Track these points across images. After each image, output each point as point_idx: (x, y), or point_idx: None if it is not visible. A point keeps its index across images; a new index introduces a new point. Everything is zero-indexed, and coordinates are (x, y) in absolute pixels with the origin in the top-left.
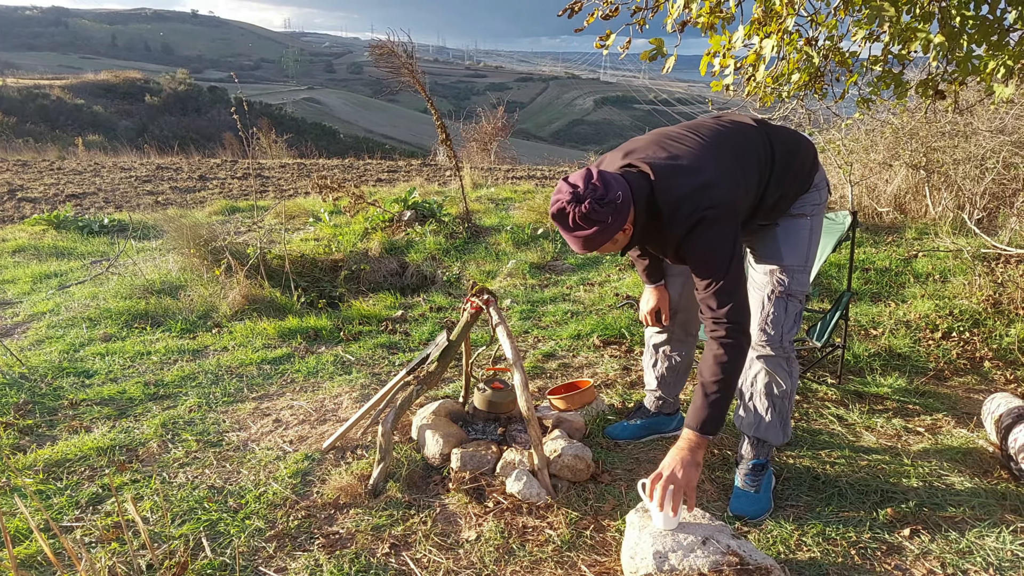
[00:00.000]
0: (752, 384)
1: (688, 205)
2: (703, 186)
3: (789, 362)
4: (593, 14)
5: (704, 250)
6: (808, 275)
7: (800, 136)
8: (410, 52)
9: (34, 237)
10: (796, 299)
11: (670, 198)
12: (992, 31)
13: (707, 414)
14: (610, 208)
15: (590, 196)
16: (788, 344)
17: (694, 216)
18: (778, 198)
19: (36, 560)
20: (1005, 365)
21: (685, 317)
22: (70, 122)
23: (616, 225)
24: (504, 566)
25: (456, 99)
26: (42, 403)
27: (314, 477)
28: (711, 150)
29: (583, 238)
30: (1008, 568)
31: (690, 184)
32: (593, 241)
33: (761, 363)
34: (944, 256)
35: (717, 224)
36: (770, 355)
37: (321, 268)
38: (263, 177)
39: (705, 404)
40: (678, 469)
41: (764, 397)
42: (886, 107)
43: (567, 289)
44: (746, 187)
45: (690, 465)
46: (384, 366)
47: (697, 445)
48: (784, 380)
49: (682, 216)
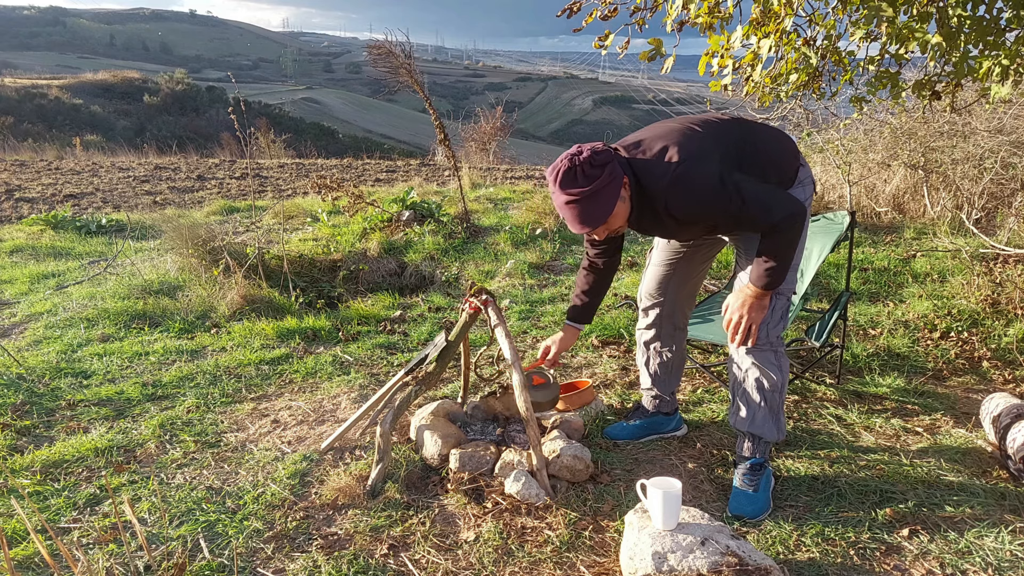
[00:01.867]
0: (743, 380)
1: (659, 167)
2: (666, 151)
3: (777, 356)
4: (592, 14)
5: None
6: (795, 272)
7: (777, 129)
8: (408, 52)
9: (32, 237)
10: (783, 296)
11: (640, 163)
12: (989, 31)
13: (767, 280)
14: (605, 156)
15: (587, 150)
16: (776, 339)
17: (668, 175)
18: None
19: (33, 562)
20: (1003, 365)
21: (671, 309)
22: (68, 122)
23: (616, 180)
24: (503, 567)
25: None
26: (39, 404)
27: (312, 478)
28: (674, 133)
29: (594, 191)
30: (1007, 568)
31: (654, 151)
32: (599, 202)
33: (750, 358)
34: (942, 256)
35: (693, 172)
36: (759, 348)
37: (320, 268)
38: (261, 177)
39: (762, 271)
40: (745, 304)
41: (756, 391)
42: (884, 107)
43: (566, 289)
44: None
45: (755, 301)
46: (383, 366)
47: (759, 296)
48: (775, 374)
49: (656, 176)
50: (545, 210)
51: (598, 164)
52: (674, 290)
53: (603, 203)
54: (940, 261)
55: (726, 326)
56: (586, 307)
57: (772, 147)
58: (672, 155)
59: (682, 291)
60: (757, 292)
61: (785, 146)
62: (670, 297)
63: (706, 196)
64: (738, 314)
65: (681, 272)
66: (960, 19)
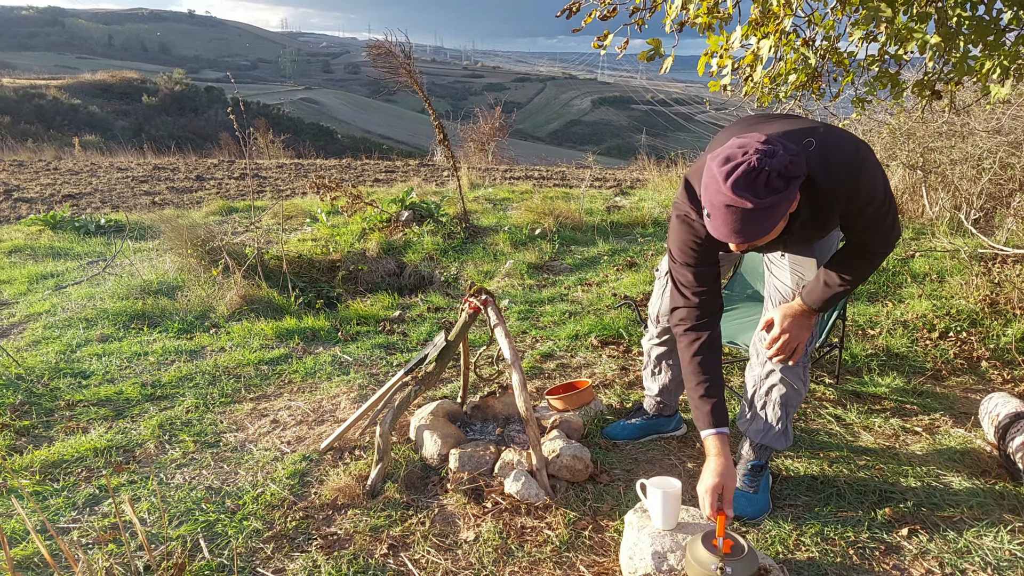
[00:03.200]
0: (767, 393)
1: (845, 155)
2: (837, 143)
3: (806, 370)
4: (591, 14)
5: (874, 189)
6: None
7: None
8: (407, 52)
9: (30, 237)
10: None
11: (821, 159)
12: (988, 31)
13: (824, 301)
14: (799, 170)
15: (785, 153)
16: (809, 351)
17: (854, 161)
18: None
19: (33, 562)
20: (1002, 365)
21: None
22: (66, 122)
23: (792, 198)
24: (502, 567)
25: (454, 99)
26: (39, 404)
27: (312, 478)
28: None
29: (771, 206)
30: (1006, 568)
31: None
32: (770, 217)
33: (779, 374)
34: (941, 256)
35: (866, 165)
36: (791, 366)
37: (319, 268)
38: (260, 177)
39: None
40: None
41: (779, 407)
42: (883, 107)
43: (565, 289)
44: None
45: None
46: (382, 366)
47: (806, 315)
48: (800, 387)
49: (836, 171)
50: (544, 210)
51: (789, 176)
52: None
53: (771, 220)
54: (939, 261)
55: (770, 343)
56: (721, 402)
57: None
58: (845, 145)
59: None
60: (807, 311)
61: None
62: None
63: (880, 185)
64: (788, 334)
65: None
66: (959, 19)
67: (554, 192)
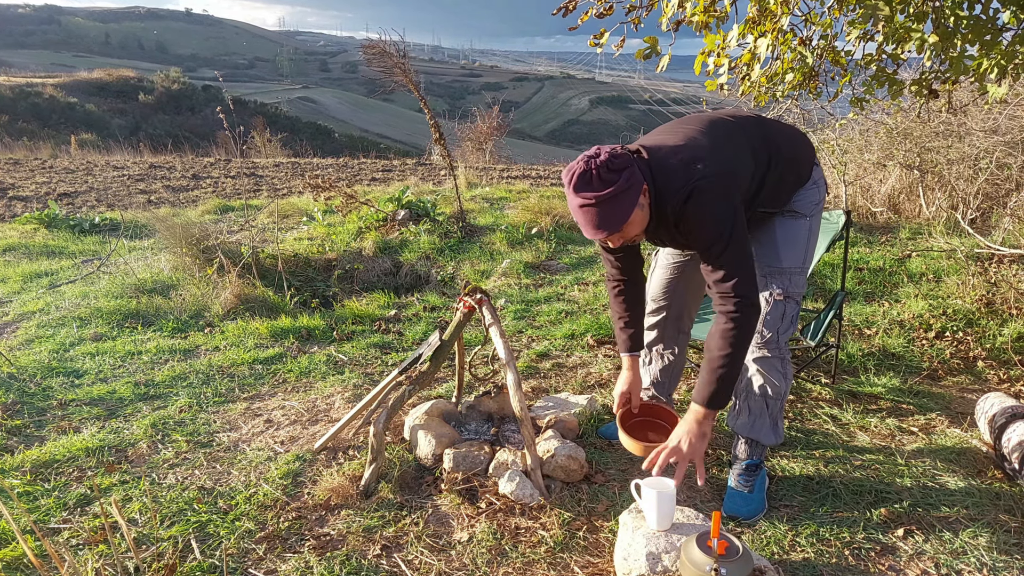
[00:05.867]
0: (747, 385)
1: (680, 176)
2: (692, 159)
3: (784, 363)
4: (588, 12)
5: (702, 221)
6: (805, 276)
7: (793, 127)
8: (403, 52)
9: (25, 236)
10: (793, 300)
11: (664, 172)
12: (986, 31)
13: (714, 388)
14: (624, 161)
15: (605, 152)
16: (784, 345)
17: (687, 188)
18: (777, 181)
19: (22, 563)
20: (999, 365)
21: (678, 312)
22: (63, 120)
23: (635, 187)
24: (496, 567)
25: (451, 99)
26: (31, 403)
27: (305, 478)
28: (700, 130)
29: (610, 196)
30: (1002, 568)
31: (681, 158)
32: (615, 207)
33: (756, 365)
34: (938, 256)
35: (710, 193)
36: (765, 356)
37: (314, 267)
38: (257, 176)
39: (712, 379)
40: (684, 441)
41: (758, 398)
42: (880, 107)
43: (561, 289)
44: (740, 161)
45: (697, 436)
46: (377, 366)
47: (704, 417)
48: (779, 381)
49: (675, 189)
50: (541, 209)
51: (615, 168)
52: (681, 293)
53: (619, 209)
54: (935, 261)
55: (649, 464)
56: (636, 333)
57: (793, 147)
58: (696, 163)
59: (689, 294)
60: (700, 415)
61: (803, 147)
62: (677, 300)
63: (710, 221)
64: (675, 456)
65: (689, 274)
66: (957, 18)
67: (551, 192)
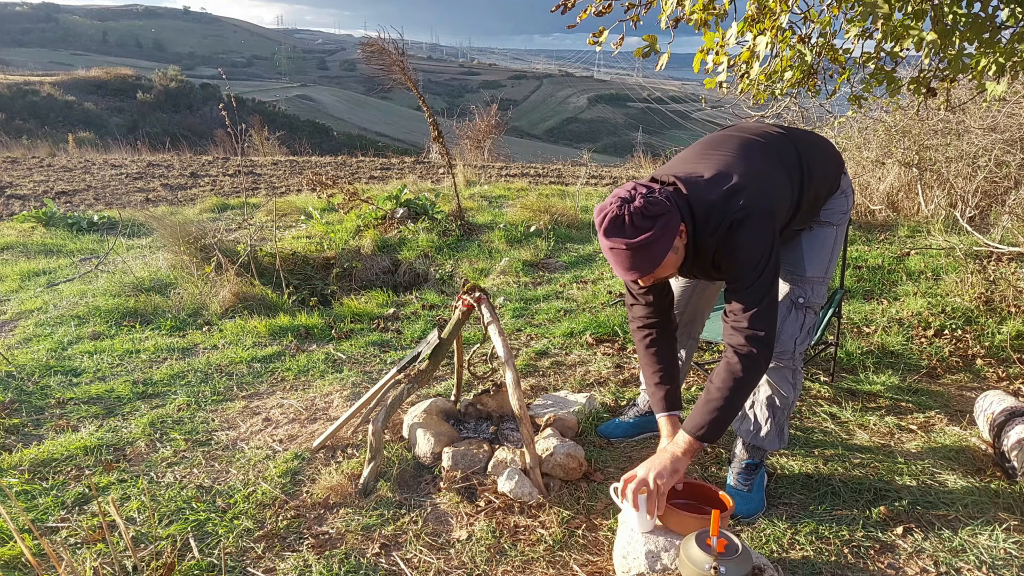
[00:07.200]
0: (755, 393)
1: (719, 211)
2: (732, 191)
3: (795, 374)
4: (586, 10)
5: (736, 252)
6: (825, 287)
7: (823, 137)
8: (401, 50)
9: (23, 234)
10: (812, 311)
11: (702, 206)
12: (984, 28)
13: (706, 422)
14: (660, 208)
15: (640, 196)
16: (798, 356)
17: (725, 221)
18: (812, 198)
19: (20, 562)
20: (997, 363)
21: (691, 318)
22: (61, 119)
23: (672, 227)
24: (495, 566)
25: (450, 97)
26: (29, 402)
27: (304, 476)
28: (737, 157)
29: (643, 244)
30: (1001, 566)
31: (719, 191)
32: (648, 253)
33: (767, 374)
34: (936, 254)
35: (747, 225)
36: (778, 366)
37: (313, 266)
38: (255, 174)
39: (706, 411)
40: (653, 474)
41: (765, 408)
42: (879, 105)
43: (560, 287)
44: (778, 190)
45: (669, 473)
46: (375, 364)
47: (685, 452)
48: (787, 392)
49: (714, 223)
50: (539, 208)
51: (650, 215)
52: (696, 300)
53: (652, 254)
54: (934, 259)
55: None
56: (673, 390)
57: (824, 162)
58: (736, 199)
59: (704, 301)
60: (682, 448)
61: (832, 161)
62: (691, 308)
63: (745, 252)
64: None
65: (704, 283)
66: (955, 16)
67: (550, 190)
